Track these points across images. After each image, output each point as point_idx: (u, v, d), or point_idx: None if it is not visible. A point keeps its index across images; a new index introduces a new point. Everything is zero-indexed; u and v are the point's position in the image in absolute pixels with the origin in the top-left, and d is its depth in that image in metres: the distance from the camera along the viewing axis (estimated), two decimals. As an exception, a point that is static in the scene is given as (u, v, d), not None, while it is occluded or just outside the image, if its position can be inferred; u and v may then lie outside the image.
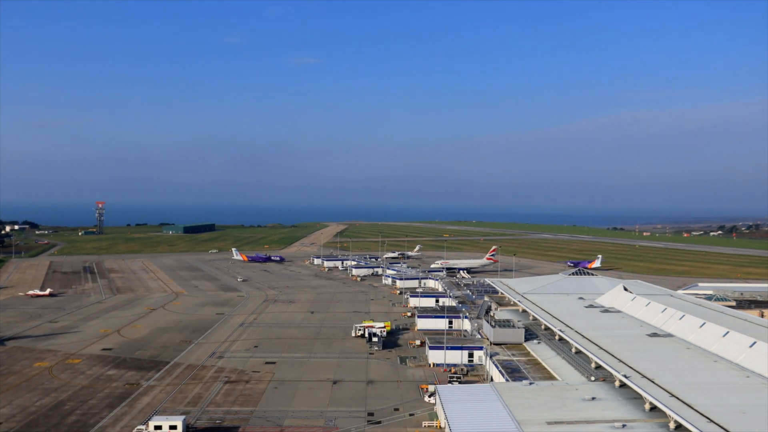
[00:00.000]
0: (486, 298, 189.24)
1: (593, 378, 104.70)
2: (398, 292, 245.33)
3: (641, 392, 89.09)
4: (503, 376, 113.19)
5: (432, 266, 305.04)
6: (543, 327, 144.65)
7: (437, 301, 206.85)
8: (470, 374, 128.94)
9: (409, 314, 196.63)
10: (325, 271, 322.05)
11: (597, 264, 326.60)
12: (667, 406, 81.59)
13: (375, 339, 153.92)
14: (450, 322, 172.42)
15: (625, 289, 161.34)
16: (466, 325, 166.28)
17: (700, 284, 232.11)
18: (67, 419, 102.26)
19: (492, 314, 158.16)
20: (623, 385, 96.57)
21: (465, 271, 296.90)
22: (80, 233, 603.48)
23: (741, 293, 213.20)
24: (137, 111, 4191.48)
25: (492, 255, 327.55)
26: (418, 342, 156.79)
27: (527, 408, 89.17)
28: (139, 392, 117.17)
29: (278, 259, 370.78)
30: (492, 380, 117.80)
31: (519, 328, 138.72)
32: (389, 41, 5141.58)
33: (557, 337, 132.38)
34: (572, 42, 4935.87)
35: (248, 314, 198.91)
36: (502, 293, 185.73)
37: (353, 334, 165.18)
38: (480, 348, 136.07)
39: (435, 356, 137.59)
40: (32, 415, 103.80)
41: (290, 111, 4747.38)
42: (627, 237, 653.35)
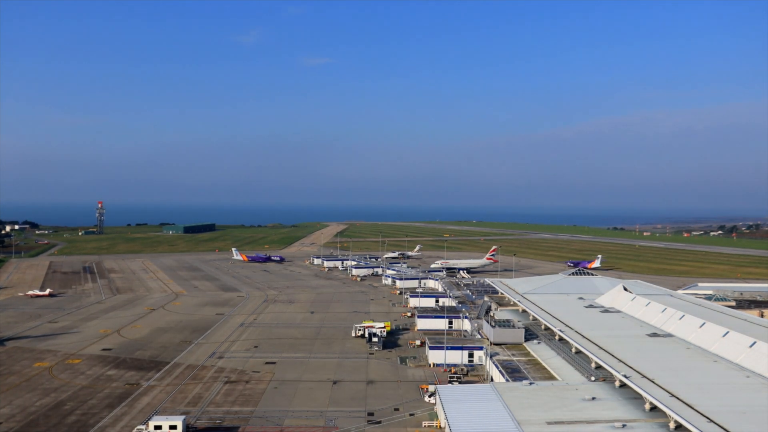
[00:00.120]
0: (486, 298, 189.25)
1: (593, 378, 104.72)
2: (398, 292, 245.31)
3: (641, 392, 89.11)
4: (503, 376, 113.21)
5: (432, 266, 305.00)
6: (543, 327, 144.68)
7: (437, 301, 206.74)
8: (470, 374, 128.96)
9: (409, 314, 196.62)
10: (325, 271, 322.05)
11: (597, 264, 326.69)
12: (667, 406, 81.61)
13: (375, 339, 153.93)
14: (450, 322, 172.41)
15: (625, 289, 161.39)
16: (466, 325, 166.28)
17: (700, 284, 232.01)
18: (67, 419, 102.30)
19: (492, 314, 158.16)
20: (623, 385, 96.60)
21: (465, 271, 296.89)
22: (80, 233, 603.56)
23: (741, 293, 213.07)
24: (138, 111, 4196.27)
25: (492, 255, 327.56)
26: (418, 342, 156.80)
27: (527, 408, 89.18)
28: (139, 392, 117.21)
29: (278, 259, 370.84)
30: (492, 380, 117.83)
31: (519, 328, 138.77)
32: (389, 41, 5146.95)
33: (557, 337, 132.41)
34: (572, 42, 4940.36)
35: (248, 314, 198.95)
36: (502, 293, 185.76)
37: (353, 334, 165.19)
38: (480, 348, 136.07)
39: (435, 356, 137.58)
40: (32, 415, 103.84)
41: (290, 111, 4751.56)
42: (627, 237, 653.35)
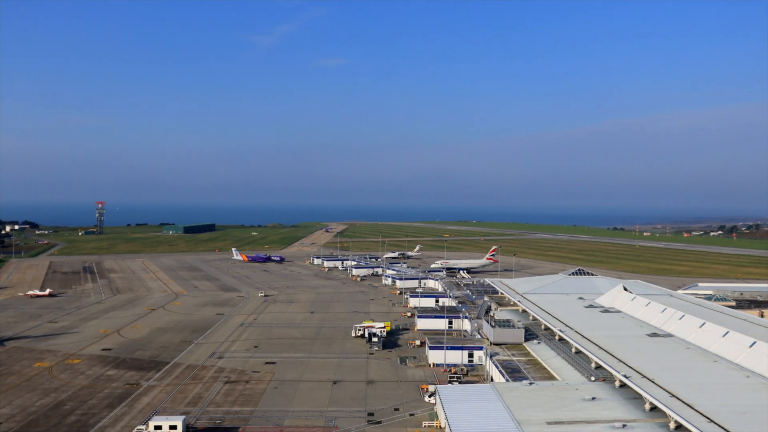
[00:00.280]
0: (486, 298, 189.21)
1: (593, 378, 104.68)
2: (398, 292, 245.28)
3: (641, 392, 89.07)
4: (503, 376, 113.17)
5: (432, 266, 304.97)
6: (543, 327, 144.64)
7: (437, 301, 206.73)
8: (470, 374, 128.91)
9: (409, 314, 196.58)
10: (325, 271, 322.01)
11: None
12: (667, 406, 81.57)
13: (375, 339, 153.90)
14: (450, 322, 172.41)
15: (625, 289, 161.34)
16: (466, 325, 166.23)
17: (700, 284, 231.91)
18: (67, 419, 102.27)
19: (492, 314, 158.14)
20: (623, 385, 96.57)
21: (465, 271, 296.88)
22: (80, 233, 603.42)
23: (741, 293, 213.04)
24: (139, 111, 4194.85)
25: (492, 255, 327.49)
26: (418, 342, 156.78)
27: (527, 408, 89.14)
28: (139, 392, 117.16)
29: (278, 259, 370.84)
30: (492, 380, 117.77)
31: (519, 328, 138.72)
32: (388, 41, 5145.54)
33: (557, 337, 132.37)
34: (571, 42, 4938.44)
35: (248, 314, 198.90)
36: (502, 293, 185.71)
37: (353, 334, 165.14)
38: (480, 348, 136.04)
39: (435, 356, 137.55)
40: (32, 415, 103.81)
41: (289, 112, 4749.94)
42: (627, 237, 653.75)
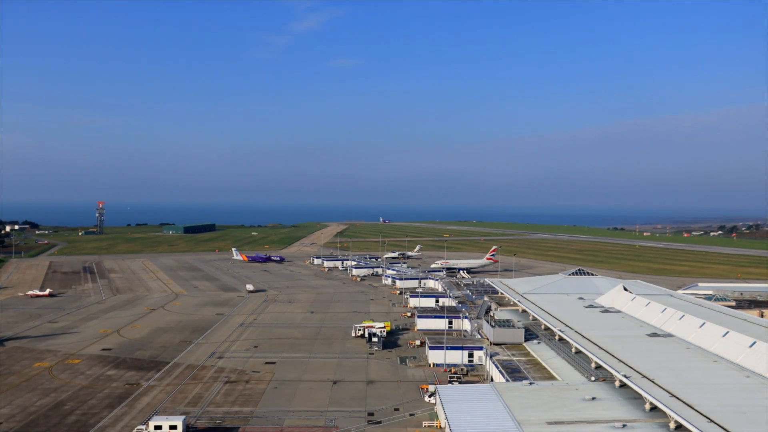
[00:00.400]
0: (486, 298, 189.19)
1: (593, 378, 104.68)
2: (398, 292, 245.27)
3: (641, 392, 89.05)
4: (503, 376, 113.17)
5: (432, 266, 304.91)
6: (543, 327, 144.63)
7: (437, 301, 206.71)
8: (470, 374, 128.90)
9: (409, 314, 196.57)
10: (325, 271, 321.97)
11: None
12: (668, 406, 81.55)
13: (375, 339, 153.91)
14: (450, 322, 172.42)
15: (625, 289, 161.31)
16: (466, 325, 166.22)
17: (700, 284, 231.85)
18: (67, 419, 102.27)
19: (492, 314, 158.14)
20: (623, 385, 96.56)
21: (465, 271, 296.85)
22: (80, 233, 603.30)
23: (741, 293, 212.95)
24: (139, 111, 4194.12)
25: (492, 255, 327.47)
26: (418, 342, 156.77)
27: (527, 408, 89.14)
28: (139, 392, 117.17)
29: (278, 259, 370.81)
30: (492, 380, 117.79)
31: (519, 328, 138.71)
32: (388, 42, 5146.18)
33: (557, 337, 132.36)
34: (571, 43, 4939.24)
35: (248, 314, 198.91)
36: (502, 293, 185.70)
37: (353, 334, 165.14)
38: (480, 348, 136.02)
39: (435, 356, 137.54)
40: (32, 415, 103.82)
41: (289, 112, 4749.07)
42: (627, 237, 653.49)
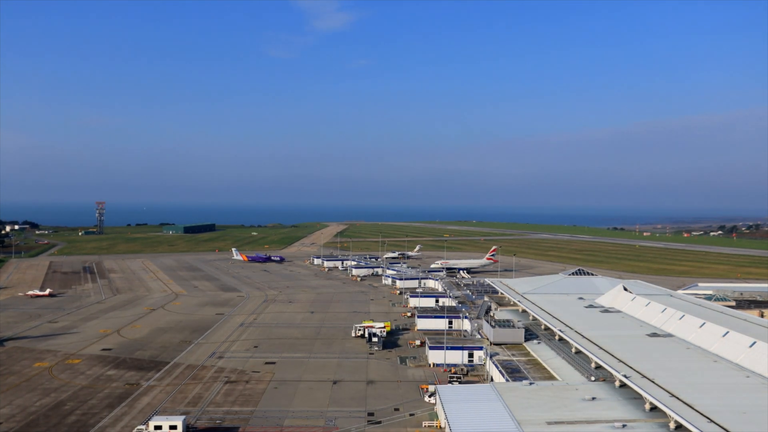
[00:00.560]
0: (486, 298, 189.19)
1: (593, 378, 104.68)
2: (398, 292, 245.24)
3: (641, 392, 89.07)
4: (503, 376, 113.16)
5: (432, 266, 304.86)
6: (543, 327, 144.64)
7: (437, 301, 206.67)
8: (470, 374, 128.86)
9: (409, 314, 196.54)
10: (325, 271, 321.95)
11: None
12: (668, 406, 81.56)
13: (375, 339, 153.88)
14: (450, 322, 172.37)
15: (625, 289, 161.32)
16: (466, 325, 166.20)
17: (700, 284, 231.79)
18: (67, 419, 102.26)
19: (492, 314, 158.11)
20: (623, 385, 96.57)
21: (465, 271, 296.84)
22: (80, 233, 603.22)
23: (741, 293, 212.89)
24: (139, 111, 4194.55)
25: (492, 255, 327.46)
26: (418, 342, 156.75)
27: (527, 408, 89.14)
28: (139, 392, 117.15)
29: (278, 259, 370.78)
30: (492, 380, 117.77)
31: (519, 328, 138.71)
32: (388, 41, 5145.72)
33: (557, 337, 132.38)
34: (570, 43, 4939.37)
35: (248, 314, 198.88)
36: (502, 293, 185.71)
37: (353, 334, 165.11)
38: (480, 348, 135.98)
39: (435, 356, 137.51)
40: (32, 415, 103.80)
41: (289, 112, 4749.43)
42: (627, 237, 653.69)
